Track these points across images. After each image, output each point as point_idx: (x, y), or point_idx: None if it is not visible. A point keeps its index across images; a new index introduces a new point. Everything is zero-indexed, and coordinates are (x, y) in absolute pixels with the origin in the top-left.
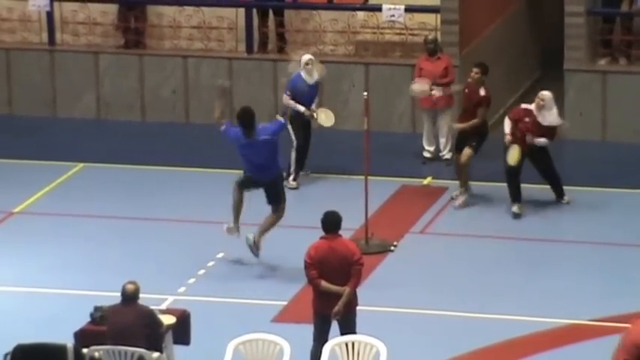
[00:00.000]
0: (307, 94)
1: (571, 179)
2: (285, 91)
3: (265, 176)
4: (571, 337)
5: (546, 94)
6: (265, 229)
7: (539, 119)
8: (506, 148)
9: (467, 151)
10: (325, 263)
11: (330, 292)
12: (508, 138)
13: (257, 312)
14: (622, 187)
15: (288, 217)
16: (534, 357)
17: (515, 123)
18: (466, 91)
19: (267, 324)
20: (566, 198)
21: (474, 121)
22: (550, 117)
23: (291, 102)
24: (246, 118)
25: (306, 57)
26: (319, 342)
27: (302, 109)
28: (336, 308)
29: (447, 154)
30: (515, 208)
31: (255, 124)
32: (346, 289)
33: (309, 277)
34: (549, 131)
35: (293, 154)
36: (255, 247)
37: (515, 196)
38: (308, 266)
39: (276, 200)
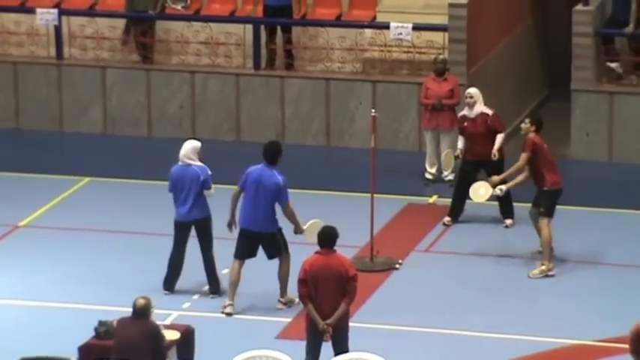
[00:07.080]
0: None
1: (577, 199)
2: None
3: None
4: (576, 357)
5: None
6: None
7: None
8: None
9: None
10: (320, 278)
11: (316, 313)
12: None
13: (261, 328)
14: (628, 207)
15: (294, 235)
16: None
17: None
18: None
19: (271, 340)
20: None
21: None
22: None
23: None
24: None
25: None
26: (312, 355)
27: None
28: (329, 320)
29: (449, 175)
30: None
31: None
32: (342, 305)
33: (300, 294)
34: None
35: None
36: (291, 303)
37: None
38: (300, 282)
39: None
